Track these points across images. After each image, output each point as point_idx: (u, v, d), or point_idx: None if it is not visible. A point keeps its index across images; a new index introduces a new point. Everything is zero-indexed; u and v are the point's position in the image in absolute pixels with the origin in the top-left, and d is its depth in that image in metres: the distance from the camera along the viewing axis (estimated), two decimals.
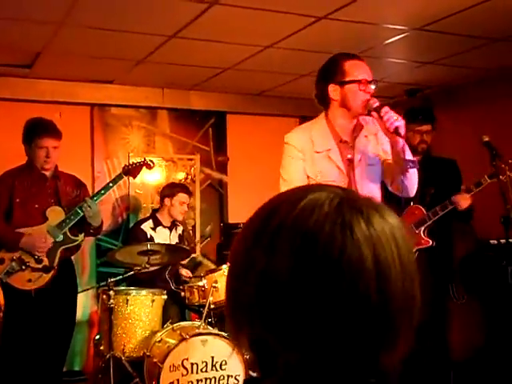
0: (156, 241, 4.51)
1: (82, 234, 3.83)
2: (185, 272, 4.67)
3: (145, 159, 4.04)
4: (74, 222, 3.71)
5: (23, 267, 3.58)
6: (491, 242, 4.24)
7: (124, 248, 4.23)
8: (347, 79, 2.60)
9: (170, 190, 4.65)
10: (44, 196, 3.73)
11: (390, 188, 2.79)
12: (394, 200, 2.72)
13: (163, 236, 4.58)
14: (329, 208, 0.71)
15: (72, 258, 3.93)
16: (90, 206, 3.69)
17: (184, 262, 4.68)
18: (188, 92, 5.30)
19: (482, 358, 4.05)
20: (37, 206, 3.68)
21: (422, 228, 3.75)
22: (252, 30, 3.63)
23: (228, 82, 4.98)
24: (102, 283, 3.85)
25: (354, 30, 3.61)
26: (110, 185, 3.85)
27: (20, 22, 3.44)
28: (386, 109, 2.51)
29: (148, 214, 4.86)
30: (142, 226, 4.57)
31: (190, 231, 5.30)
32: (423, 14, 3.41)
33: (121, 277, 3.86)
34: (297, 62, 4.38)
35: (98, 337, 3.87)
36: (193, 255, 4.95)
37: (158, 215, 4.63)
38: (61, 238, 3.69)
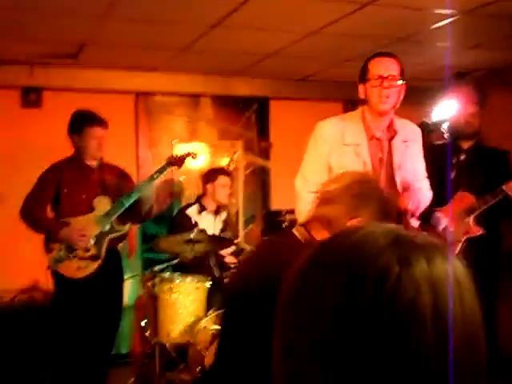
0: (200, 225, 4.56)
1: (129, 224, 3.89)
2: (229, 259, 4.70)
3: (188, 151, 4.07)
4: (120, 211, 3.77)
5: (71, 256, 3.67)
6: None
7: (168, 237, 4.29)
8: (366, 77, 2.67)
9: (211, 175, 4.69)
10: (91, 187, 3.80)
11: None
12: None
13: (208, 221, 4.62)
14: (385, 241, 0.64)
15: (119, 246, 4.00)
16: (146, 187, 3.80)
17: (228, 250, 4.71)
18: (230, 78, 5.28)
19: None
20: (84, 196, 3.76)
21: (472, 216, 3.65)
22: (295, 17, 3.57)
23: (271, 68, 4.93)
24: (147, 270, 3.92)
25: (400, 15, 3.51)
26: (155, 176, 3.88)
27: (65, 15, 3.48)
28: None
29: (192, 201, 4.91)
30: (188, 212, 4.62)
31: (233, 217, 5.31)
32: None
33: (165, 265, 3.92)
34: (341, 48, 4.30)
35: (143, 323, 3.94)
36: (235, 241, 4.97)
37: (202, 201, 4.67)
38: (108, 227, 3.77)
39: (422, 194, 2.81)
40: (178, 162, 3.99)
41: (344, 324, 0.61)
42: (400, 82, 2.65)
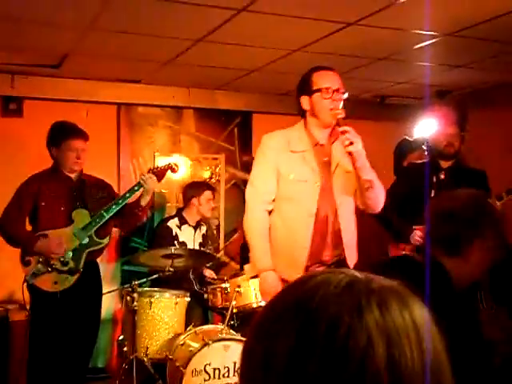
0: (181, 239, 4.54)
1: (108, 237, 3.84)
2: (208, 273, 4.68)
3: (170, 163, 3.97)
4: (99, 224, 3.71)
5: (49, 269, 3.60)
6: None
7: (147, 251, 4.26)
8: (313, 89, 2.72)
9: (196, 189, 4.68)
10: (70, 199, 3.74)
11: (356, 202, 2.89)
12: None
13: (188, 235, 4.60)
14: (335, 288, 0.64)
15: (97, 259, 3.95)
16: (146, 181, 3.73)
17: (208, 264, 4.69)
18: (214, 92, 5.29)
19: (508, 368, 3.99)
20: (62, 208, 3.69)
21: None
22: (280, 35, 3.59)
23: (254, 83, 4.95)
24: (126, 285, 3.87)
25: (384, 35, 3.55)
26: (135, 188, 3.81)
27: (48, 25, 3.45)
28: (345, 128, 2.58)
29: (173, 213, 4.89)
30: (168, 223, 4.60)
31: (214, 231, 5.30)
32: (454, 21, 3.33)
33: (145, 280, 3.89)
34: (325, 65, 4.32)
35: (121, 337, 3.89)
36: (216, 255, 4.95)
37: (183, 214, 4.65)
38: (86, 240, 3.70)
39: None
40: (158, 174, 3.91)
41: (296, 371, 0.61)
42: (345, 95, 2.74)
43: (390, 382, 0.58)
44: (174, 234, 4.55)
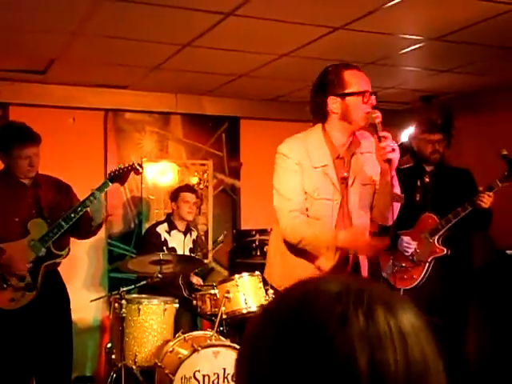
0: (170, 244, 4.52)
1: (67, 249, 3.55)
2: (196, 280, 4.66)
3: (133, 164, 3.55)
4: (57, 235, 3.38)
5: (4, 286, 3.31)
6: (508, 252, 4.18)
7: (135, 257, 4.22)
8: (349, 91, 2.46)
9: (174, 193, 4.70)
10: (24, 207, 3.41)
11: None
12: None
13: (177, 240, 4.59)
14: (325, 297, 0.65)
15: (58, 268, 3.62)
16: (94, 200, 3.35)
17: (196, 269, 4.67)
18: (201, 97, 5.28)
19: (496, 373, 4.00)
20: (17, 219, 3.37)
21: (436, 237, 3.71)
22: (267, 40, 3.59)
23: (242, 88, 4.95)
24: (114, 292, 3.83)
25: (370, 39, 3.57)
26: (95, 194, 3.38)
27: (34, 31, 3.43)
28: (385, 134, 2.39)
29: (161, 219, 4.87)
30: (158, 229, 4.58)
31: (203, 237, 5.28)
32: (440, 25, 3.36)
33: (133, 286, 3.85)
34: (312, 70, 4.28)
35: (109, 345, 3.85)
36: (205, 261, 4.93)
37: (172, 219, 4.64)
38: (44, 252, 3.38)
39: None
40: (120, 177, 3.53)
41: (278, 376, 0.63)
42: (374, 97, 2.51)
43: None
44: (162, 239, 4.53)
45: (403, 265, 3.78)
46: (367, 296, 0.65)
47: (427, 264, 3.72)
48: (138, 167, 3.53)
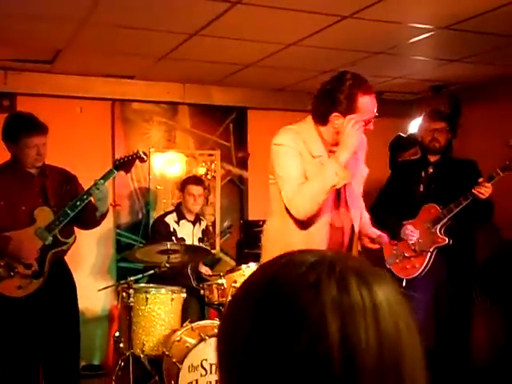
0: (179, 234, 4.53)
1: (73, 236, 3.56)
2: (204, 270, 4.68)
3: (138, 151, 3.54)
4: (65, 222, 3.38)
5: (12, 274, 3.32)
6: None
7: (143, 247, 4.24)
8: (355, 116, 2.46)
9: (181, 184, 4.71)
10: (31, 196, 3.42)
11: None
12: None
13: (186, 230, 4.59)
14: (299, 268, 0.66)
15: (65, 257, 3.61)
16: (98, 189, 3.35)
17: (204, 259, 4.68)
18: (209, 87, 5.27)
19: (502, 362, 3.99)
20: (24, 207, 3.38)
21: (439, 226, 3.70)
22: (275, 29, 3.57)
23: (249, 78, 4.93)
24: (122, 281, 3.85)
25: (379, 29, 3.54)
26: (100, 183, 3.38)
27: (42, 20, 3.42)
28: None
29: (169, 209, 4.87)
30: (166, 219, 4.59)
31: (210, 227, 5.29)
32: (449, 14, 3.32)
33: (141, 275, 3.86)
34: (320, 60, 4.32)
35: (117, 334, 3.87)
36: (212, 251, 4.94)
37: (181, 208, 4.65)
38: (50, 240, 3.38)
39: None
40: (125, 165, 3.52)
41: (254, 346, 0.64)
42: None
43: (342, 360, 0.60)
44: (171, 229, 4.54)
45: (406, 254, 3.78)
46: (341, 266, 0.66)
47: (429, 253, 3.71)
48: (142, 155, 3.53)
